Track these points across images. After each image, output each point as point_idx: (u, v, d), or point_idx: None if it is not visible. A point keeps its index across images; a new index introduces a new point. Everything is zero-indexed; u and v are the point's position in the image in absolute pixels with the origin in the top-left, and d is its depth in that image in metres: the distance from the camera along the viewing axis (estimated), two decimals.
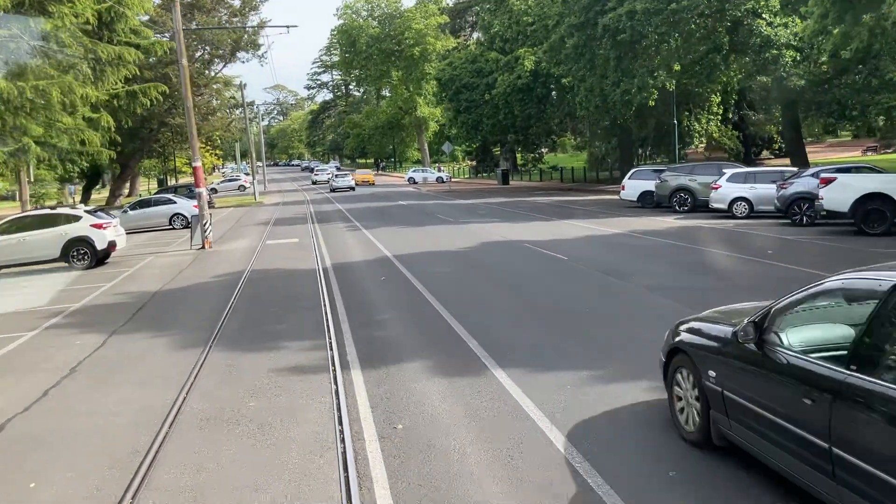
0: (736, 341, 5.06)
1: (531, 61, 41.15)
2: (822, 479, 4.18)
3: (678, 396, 5.97)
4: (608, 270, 14.19)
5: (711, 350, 5.46)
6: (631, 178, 29.63)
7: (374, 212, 34.68)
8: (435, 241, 20.77)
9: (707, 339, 5.57)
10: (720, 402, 5.27)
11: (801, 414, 4.34)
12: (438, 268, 15.81)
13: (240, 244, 23.90)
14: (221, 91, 55.36)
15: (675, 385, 6.02)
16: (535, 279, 13.80)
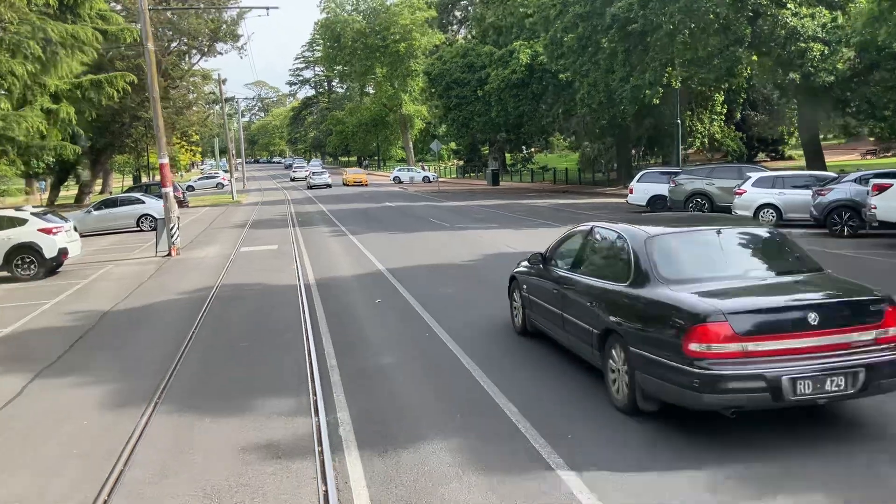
0: (535, 266, 8.90)
1: (527, 55, 38.86)
2: (560, 332, 8.03)
3: (514, 306, 9.77)
4: None
5: (525, 274, 9.32)
6: (640, 182, 27.40)
7: (359, 214, 32.22)
8: (433, 252, 18.37)
9: (524, 268, 9.42)
10: (529, 304, 9.03)
11: (554, 299, 8.11)
12: (443, 287, 13.41)
13: (211, 251, 21.37)
14: (199, 84, 52.57)
15: (511, 299, 9.90)
16: None
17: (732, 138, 43.19)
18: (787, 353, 5.63)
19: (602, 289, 7.03)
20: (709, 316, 5.62)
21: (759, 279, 6.52)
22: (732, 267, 6.71)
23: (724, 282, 6.29)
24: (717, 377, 5.53)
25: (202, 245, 23.24)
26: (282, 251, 20.25)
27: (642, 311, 6.33)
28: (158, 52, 46.13)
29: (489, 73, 42.43)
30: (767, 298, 6.03)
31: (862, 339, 5.79)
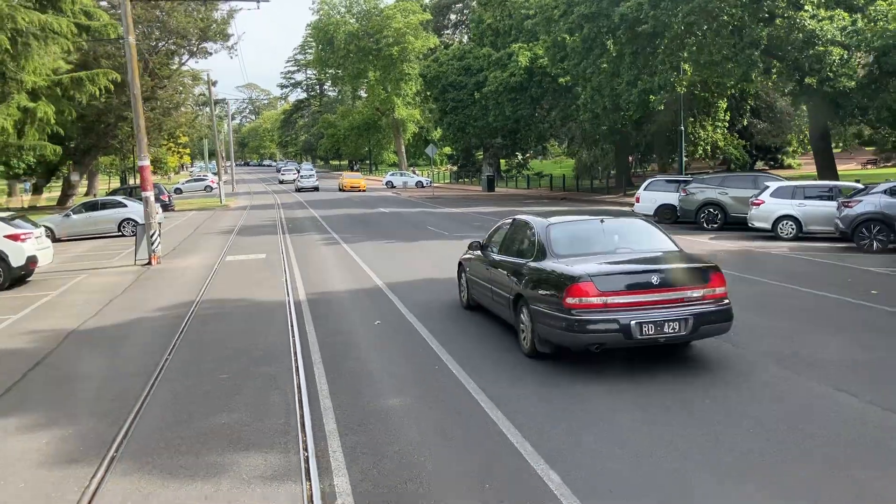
0: (475, 251, 11.07)
1: (526, 58, 37.62)
2: (491, 302, 10.12)
3: (461, 285, 12.08)
4: None
5: (468, 259, 11.56)
6: (647, 190, 26.17)
7: (353, 220, 30.86)
8: (435, 264, 17.02)
9: (468, 255, 11.59)
10: (470, 283, 11.35)
11: (487, 277, 10.21)
12: (451, 308, 12.06)
13: (194, 260, 19.95)
14: (187, 85, 51.05)
15: (459, 280, 12.26)
16: None
17: (735, 146, 42.07)
18: (636, 305, 7.68)
19: (516, 264, 9.28)
20: (580, 278, 7.73)
21: (624, 254, 8.66)
22: (607, 246, 8.81)
23: (599, 256, 8.44)
24: (585, 322, 7.62)
25: (185, 253, 21.81)
26: (270, 261, 18.87)
27: (540, 278, 8.48)
28: (146, 51, 44.73)
29: (487, 75, 41.16)
30: (624, 266, 8.26)
31: (693, 295, 7.87)
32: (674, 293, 7.81)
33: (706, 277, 8.04)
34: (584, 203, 39.09)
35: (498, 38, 41.89)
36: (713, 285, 8.03)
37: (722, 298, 8.11)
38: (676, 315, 7.73)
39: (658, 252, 8.79)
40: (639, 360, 8.41)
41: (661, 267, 8.06)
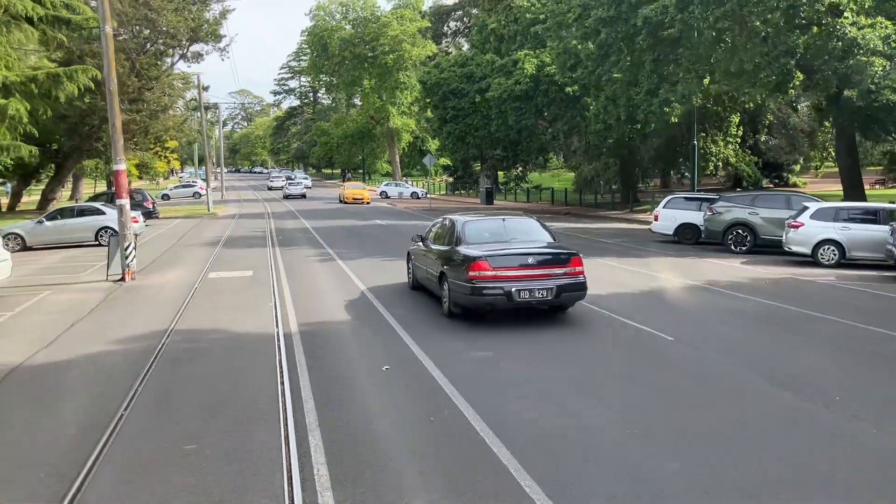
0: (416, 243, 14.20)
1: (532, 65, 35.85)
2: (426, 279, 13.13)
3: (408, 270, 15.03)
4: (770, 373, 8.59)
5: (413, 250, 14.44)
6: (666, 208, 24.36)
7: (347, 233, 28.90)
8: None
9: (413, 246, 14.53)
10: (414, 268, 14.21)
11: (429, 263, 12.92)
12: (472, 349, 10.12)
13: (173, 276, 17.94)
14: (176, 87, 48.99)
15: (407, 266, 15.21)
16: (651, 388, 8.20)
17: (747, 162, 40.41)
18: (517, 278, 10.88)
19: (441, 250, 12.48)
20: (479, 258, 10.93)
21: (514, 243, 11.76)
22: (504, 237, 12.06)
23: (496, 244, 11.61)
24: (481, 289, 10.84)
25: (165, 267, 19.79)
26: (258, 279, 16.89)
27: (454, 259, 11.59)
28: (133, 50, 42.75)
29: (490, 82, 39.34)
30: (511, 250, 11.31)
31: (557, 272, 11.08)
32: (543, 270, 11.04)
33: (567, 260, 11.26)
34: (589, 219, 37.27)
35: (502, 44, 40.12)
36: (572, 265, 11.23)
37: (578, 276, 11.25)
38: (544, 285, 10.93)
39: (538, 242, 12.09)
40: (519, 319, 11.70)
41: (537, 252, 11.39)
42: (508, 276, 10.86)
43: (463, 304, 11.36)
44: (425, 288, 13.76)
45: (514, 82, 36.97)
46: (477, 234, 12.12)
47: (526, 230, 12.62)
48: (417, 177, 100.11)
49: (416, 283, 14.49)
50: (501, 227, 12.49)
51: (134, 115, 41.31)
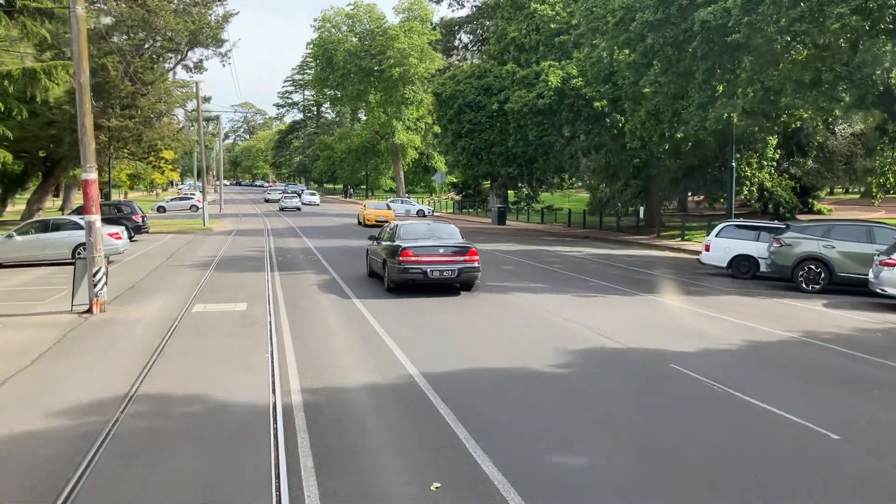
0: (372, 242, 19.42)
1: (558, 77, 33.13)
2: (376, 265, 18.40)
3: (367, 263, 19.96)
4: None
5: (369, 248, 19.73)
6: (720, 237, 21.47)
7: (356, 256, 25.96)
8: (487, 337, 12.20)
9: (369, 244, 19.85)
10: (370, 260, 19.49)
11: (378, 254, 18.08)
12: (559, 449, 7.14)
13: (151, 308, 15.00)
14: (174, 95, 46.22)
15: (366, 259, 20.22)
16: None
17: (783, 187, 37.60)
18: (431, 262, 16.09)
19: (386, 245, 17.37)
20: (406, 248, 16.20)
21: (433, 240, 17.12)
22: (427, 235, 17.53)
23: (420, 240, 16.94)
24: (407, 268, 16.05)
25: (144, 295, 16.86)
26: (251, 316, 13.96)
27: (392, 249, 16.57)
28: (128, 52, 40.07)
29: (509, 95, 36.59)
30: (429, 244, 16.66)
31: (459, 259, 16.34)
32: (450, 258, 16.46)
33: (466, 251, 16.67)
34: (612, 244, 34.38)
35: (522, 54, 37.44)
36: (470, 255, 16.59)
37: (474, 262, 16.60)
38: (450, 268, 16.32)
39: (451, 240, 17.44)
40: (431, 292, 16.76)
41: (446, 245, 16.83)
42: (426, 261, 16.25)
43: (395, 280, 16.63)
44: (376, 274, 18.68)
45: (536, 95, 34.23)
46: (410, 233, 17.65)
47: (445, 232, 18.19)
48: (421, 194, 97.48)
49: (370, 272, 19.62)
50: (427, 227, 18.71)
51: (126, 121, 38.54)
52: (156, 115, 40.56)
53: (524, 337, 12.10)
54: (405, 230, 17.70)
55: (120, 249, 24.19)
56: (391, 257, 16.59)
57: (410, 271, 16.11)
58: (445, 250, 16.50)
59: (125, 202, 34.44)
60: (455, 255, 16.44)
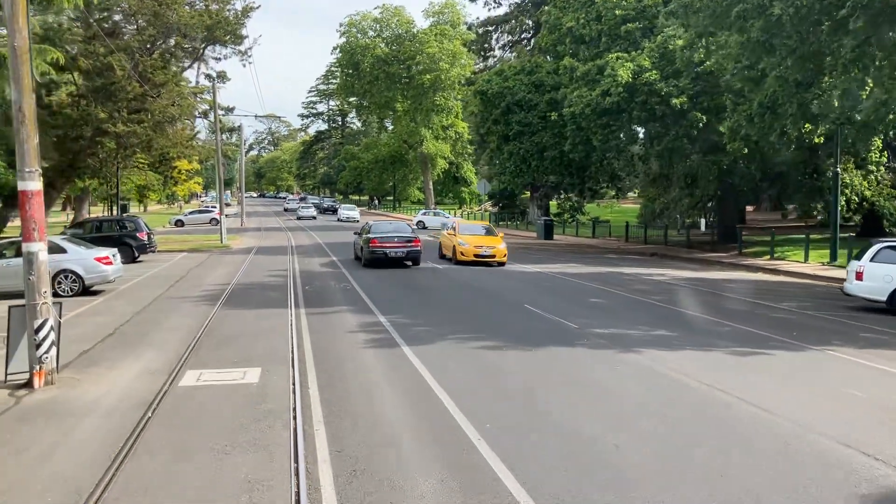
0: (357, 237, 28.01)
1: (629, 71, 28.31)
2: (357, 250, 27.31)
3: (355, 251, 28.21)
4: None
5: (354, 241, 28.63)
6: (876, 261, 16.47)
7: (397, 284, 21.27)
8: (656, 459, 7.32)
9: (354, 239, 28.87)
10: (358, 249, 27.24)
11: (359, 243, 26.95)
12: None
13: (122, 378, 10.31)
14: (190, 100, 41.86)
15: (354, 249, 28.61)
16: None
17: (886, 196, 32.38)
18: (390, 247, 24.93)
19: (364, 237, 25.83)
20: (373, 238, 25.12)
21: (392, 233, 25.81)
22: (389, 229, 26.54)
23: (384, 233, 25.75)
24: (374, 251, 24.85)
25: (120, 350, 12.20)
26: (266, 395, 9.24)
27: (367, 238, 25.36)
28: (136, 50, 35.87)
29: (566, 93, 31.80)
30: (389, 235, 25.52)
31: (409, 244, 25.28)
32: (402, 244, 24.93)
33: (413, 240, 25.23)
34: (691, 263, 29.39)
35: (581, 47, 32.69)
36: (415, 243, 25.23)
37: (417, 246, 25.19)
38: (402, 250, 24.76)
39: (403, 233, 25.68)
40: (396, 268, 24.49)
41: (399, 236, 25.25)
42: (386, 246, 24.84)
43: (366, 258, 25.19)
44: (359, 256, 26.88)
45: (600, 93, 29.39)
46: (377, 229, 26.25)
47: (400, 228, 27.11)
48: (450, 205, 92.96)
49: (356, 256, 27.50)
50: (390, 227, 27.25)
51: (135, 126, 34.25)
52: (168, 119, 36.24)
53: (730, 465, 7.21)
54: (374, 227, 26.55)
55: (111, 277, 19.68)
56: (366, 244, 25.33)
57: (377, 253, 24.81)
58: (399, 239, 25.28)
59: (129, 217, 30.15)
60: (405, 243, 25.22)
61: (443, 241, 30.18)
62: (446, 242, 29.12)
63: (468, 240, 27.23)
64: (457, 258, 26.86)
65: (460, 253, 26.74)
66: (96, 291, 19.62)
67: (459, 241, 27.21)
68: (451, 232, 28.86)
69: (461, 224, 30.33)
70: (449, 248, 28.33)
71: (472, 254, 26.48)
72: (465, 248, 26.71)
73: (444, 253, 29.42)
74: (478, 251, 26.52)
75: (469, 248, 26.66)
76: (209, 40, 37.77)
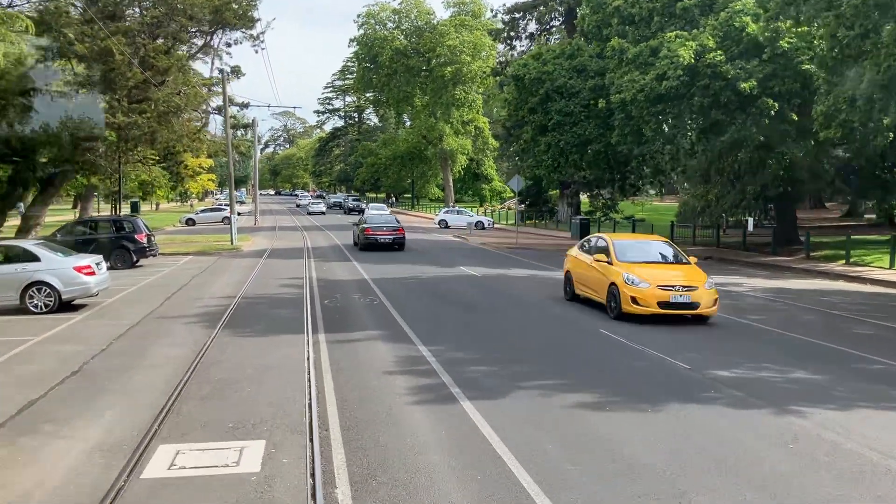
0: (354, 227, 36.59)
1: (690, 51, 24.86)
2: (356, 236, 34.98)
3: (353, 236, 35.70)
4: None
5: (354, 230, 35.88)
6: None
7: (433, 297, 17.99)
8: None
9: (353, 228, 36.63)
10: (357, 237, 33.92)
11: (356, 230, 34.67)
12: None
13: (68, 454, 7.03)
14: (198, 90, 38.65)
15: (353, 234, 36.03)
16: None
17: None
18: (380, 234, 31.87)
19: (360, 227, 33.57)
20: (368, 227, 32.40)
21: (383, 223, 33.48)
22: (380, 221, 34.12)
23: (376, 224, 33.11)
24: (367, 237, 31.80)
25: (73, 404, 8.93)
26: (271, 498, 5.94)
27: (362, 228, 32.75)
28: (139, 32, 32.79)
29: (614, 78, 28.39)
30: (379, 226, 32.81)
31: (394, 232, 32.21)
32: (389, 231, 31.91)
33: (398, 228, 32.54)
34: (756, 269, 25.95)
35: (629, 27, 29.30)
36: (400, 231, 32.20)
37: (402, 235, 32.21)
38: (389, 236, 31.69)
39: (392, 224, 33.30)
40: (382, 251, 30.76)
41: (388, 226, 32.54)
42: (378, 233, 31.42)
43: (361, 243, 31.65)
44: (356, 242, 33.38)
45: (655, 77, 25.96)
46: (371, 220, 33.63)
47: (389, 219, 35.02)
48: (470, 203, 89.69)
49: (354, 243, 33.90)
50: (381, 218, 35.54)
51: (136, 116, 31.16)
52: (172, 110, 33.11)
53: None
54: (369, 219, 34.74)
55: (93, 289, 16.49)
56: (362, 232, 32.07)
57: (370, 238, 31.50)
58: (387, 228, 32.20)
59: (126, 217, 27.00)
60: (393, 231, 32.05)
61: (577, 269, 16.94)
62: (591, 275, 15.98)
63: (644, 273, 14.48)
64: (623, 307, 14.27)
65: (630, 299, 14.15)
66: (78, 306, 16.49)
67: (627, 275, 14.42)
68: (602, 257, 15.42)
69: (617, 241, 15.98)
70: (597, 286, 15.65)
71: (654, 300, 13.99)
72: (643, 289, 14.09)
73: (581, 291, 16.62)
74: (666, 296, 13.98)
75: (649, 290, 14.05)
76: (218, 24, 34.57)
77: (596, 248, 16.43)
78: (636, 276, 14.28)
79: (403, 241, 32.11)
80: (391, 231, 31.88)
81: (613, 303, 14.59)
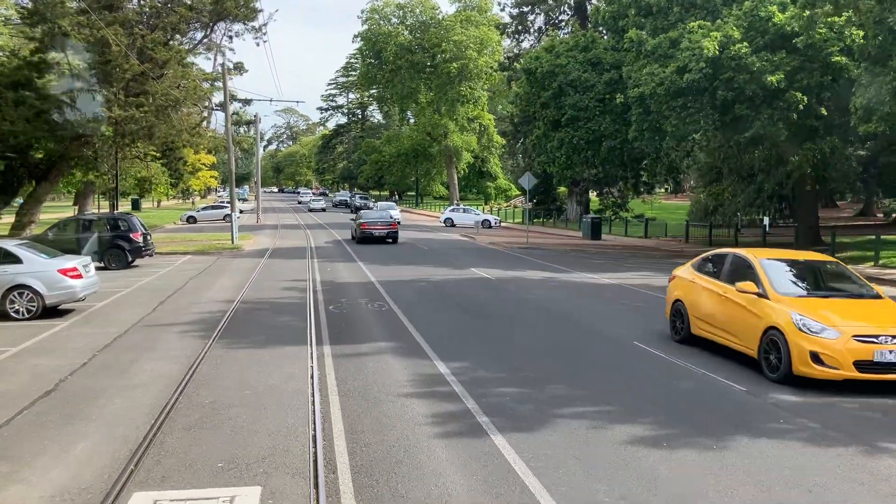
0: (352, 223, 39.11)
1: (714, 42, 23.54)
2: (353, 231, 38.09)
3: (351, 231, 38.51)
4: None
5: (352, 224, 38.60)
6: None
7: (446, 302, 16.75)
8: None
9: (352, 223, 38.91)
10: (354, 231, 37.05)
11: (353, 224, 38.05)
12: None
13: (24, 502, 5.88)
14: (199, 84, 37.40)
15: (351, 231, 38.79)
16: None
17: None
18: (375, 228, 34.82)
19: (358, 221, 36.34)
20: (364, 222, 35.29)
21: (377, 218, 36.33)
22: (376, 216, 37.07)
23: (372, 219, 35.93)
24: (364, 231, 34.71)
25: (40, 435, 7.69)
26: None
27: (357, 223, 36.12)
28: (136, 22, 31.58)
29: (631, 71, 27.10)
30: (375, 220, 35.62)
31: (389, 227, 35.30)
32: (384, 226, 34.99)
33: (391, 222, 36.04)
34: None
35: (647, 19, 28.03)
36: (393, 226, 35.82)
37: (395, 228, 35.82)
38: (384, 230, 34.69)
39: (386, 219, 36.06)
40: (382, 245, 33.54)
41: (383, 221, 35.48)
42: (374, 227, 34.41)
43: (358, 237, 34.73)
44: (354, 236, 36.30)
45: (676, 70, 24.68)
46: (366, 216, 36.38)
47: (384, 214, 37.36)
48: (474, 201, 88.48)
49: (352, 236, 36.85)
50: (376, 214, 37.90)
51: (133, 110, 29.93)
52: (171, 103, 31.87)
53: None
54: (364, 215, 36.96)
55: (79, 293, 15.26)
56: (359, 226, 35.04)
57: (366, 232, 34.33)
58: (382, 223, 35.07)
59: (121, 215, 25.72)
60: (387, 225, 35.07)
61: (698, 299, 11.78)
62: (726, 311, 10.96)
63: (825, 314, 9.60)
64: (797, 367, 9.33)
65: (811, 356, 9.18)
66: (65, 311, 15.30)
67: (798, 317, 9.50)
68: (748, 286, 10.33)
69: (767, 262, 10.75)
70: (739, 329, 10.59)
71: (850, 358, 9.04)
72: (830, 342, 9.15)
73: (703, 331, 11.59)
74: (867, 351, 9.04)
75: (841, 342, 9.10)
76: (219, 14, 33.32)
77: (731, 271, 11.18)
78: (815, 320, 9.35)
79: (397, 235, 35.48)
80: (385, 226, 35.11)
81: (774, 357, 9.63)
